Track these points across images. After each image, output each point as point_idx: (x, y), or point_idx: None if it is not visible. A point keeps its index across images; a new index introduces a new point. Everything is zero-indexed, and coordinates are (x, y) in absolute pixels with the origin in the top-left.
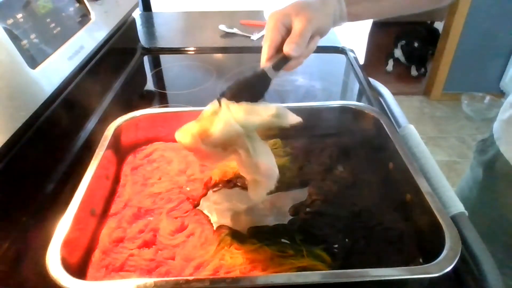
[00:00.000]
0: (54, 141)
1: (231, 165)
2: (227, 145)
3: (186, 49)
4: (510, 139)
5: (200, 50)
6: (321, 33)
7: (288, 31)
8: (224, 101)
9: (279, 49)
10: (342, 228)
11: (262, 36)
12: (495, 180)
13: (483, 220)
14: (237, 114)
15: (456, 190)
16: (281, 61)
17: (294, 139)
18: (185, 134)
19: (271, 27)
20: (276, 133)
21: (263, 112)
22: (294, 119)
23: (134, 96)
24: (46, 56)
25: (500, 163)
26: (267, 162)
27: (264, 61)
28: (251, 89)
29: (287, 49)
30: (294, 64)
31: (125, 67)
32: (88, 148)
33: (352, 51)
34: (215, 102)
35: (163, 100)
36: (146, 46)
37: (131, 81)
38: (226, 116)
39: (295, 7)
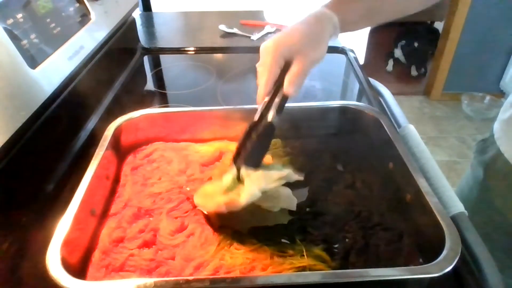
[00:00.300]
0: (54, 141)
1: None
2: None
3: (186, 49)
4: (510, 138)
5: (200, 50)
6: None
7: (286, 64)
8: (245, 172)
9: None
10: (342, 228)
11: (262, 36)
12: (495, 180)
13: (483, 220)
14: (257, 182)
15: (456, 190)
16: (283, 103)
17: (294, 139)
18: (207, 200)
19: (270, 61)
20: (276, 133)
21: (276, 176)
22: (297, 177)
23: (134, 96)
24: (46, 56)
25: (500, 162)
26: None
27: (262, 96)
28: (263, 144)
29: (290, 90)
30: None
31: (125, 67)
32: (88, 148)
33: (352, 51)
34: (234, 169)
35: (163, 100)
36: (146, 46)
37: (131, 81)
38: (251, 188)
39: (295, 41)
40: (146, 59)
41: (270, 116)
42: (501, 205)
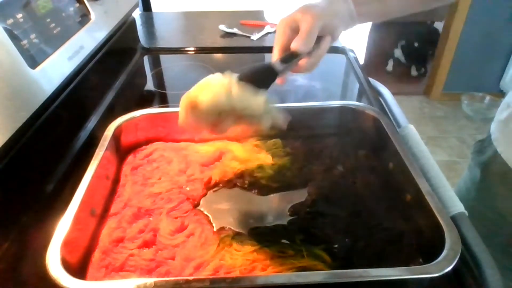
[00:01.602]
0: (54, 141)
1: (231, 165)
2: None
3: (186, 49)
4: (507, 139)
5: (200, 50)
6: (331, 32)
7: (296, 34)
8: (228, 74)
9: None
10: (342, 228)
11: (262, 36)
12: (492, 181)
13: (481, 220)
14: (233, 89)
15: (454, 191)
16: (289, 56)
17: (294, 139)
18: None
19: (279, 32)
20: (276, 133)
21: (256, 99)
22: (278, 122)
23: (134, 96)
24: (46, 56)
25: (498, 163)
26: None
27: (275, 57)
28: (257, 76)
29: (294, 45)
30: (309, 65)
31: (125, 67)
32: (88, 148)
33: (352, 51)
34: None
35: (163, 100)
36: (146, 46)
37: (131, 81)
38: (219, 88)
39: (301, 10)
40: (146, 59)
41: (274, 59)
42: (499, 205)
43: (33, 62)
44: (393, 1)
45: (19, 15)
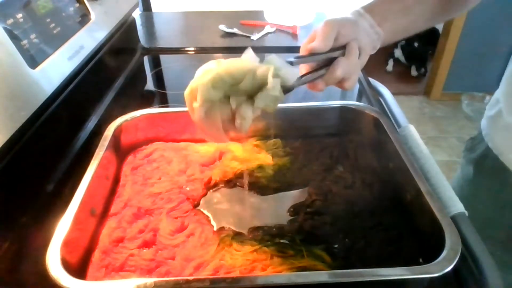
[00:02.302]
0: (54, 141)
1: (231, 165)
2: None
3: (186, 49)
4: (498, 134)
5: (200, 50)
6: (352, 38)
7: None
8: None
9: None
10: (342, 228)
11: (262, 36)
12: (486, 177)
13: (477, 217)
14: (232, 64)
15: None
16: (306, 55)
17: (294, 139)
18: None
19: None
20: (276, 133)
21: (259, 66)
22: (289, 78)
23: (134, 96)
24: (46, 56)
25: (490, 159)
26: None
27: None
28: None
29: (310, 44)
30: (346, 84)
31: (125, 67)
32: (88, 148)
33: None
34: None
35: (163, 100)
36: (146, 46)
37: (131, 81)
38: (218, 66)
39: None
40: (146, 59)
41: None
42: (494, 200)
43: (33, 62)
44: (416, 15)
45: (19, 15)
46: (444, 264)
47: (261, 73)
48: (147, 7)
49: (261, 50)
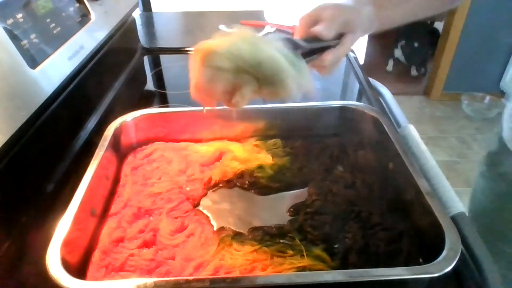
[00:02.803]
0: (54, 141)
1: (231, 165)
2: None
3: (186, 49)
4: None
5: None
6: (352, 31)
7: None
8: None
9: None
10: (342, 228)
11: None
12: None
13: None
14: (255, 39)
15: (471, 206)
16: (311, 38)
17: (294, 139)
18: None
19: (301, 22)
20: (276, 133)
21: (284, 52)
22: (307, 85)
23: (134, 96)
24: (46, 56)
25: None
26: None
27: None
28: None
29: (316, 28)
30: (331, 60)
31: (125, 67)
32: (88, 148)
33: (352, 51)
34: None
35: (163, 100)
36: (146, 46)
37: (131, 81)
38: (238, 36)
39: (323, 4)
40: (146, 59)
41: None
42: None
43: (33, 62)
44: (415, 2)
45: (19, 15)
46: (444, 264)
47: (277, 68)
48: (147, 7)
49: None
